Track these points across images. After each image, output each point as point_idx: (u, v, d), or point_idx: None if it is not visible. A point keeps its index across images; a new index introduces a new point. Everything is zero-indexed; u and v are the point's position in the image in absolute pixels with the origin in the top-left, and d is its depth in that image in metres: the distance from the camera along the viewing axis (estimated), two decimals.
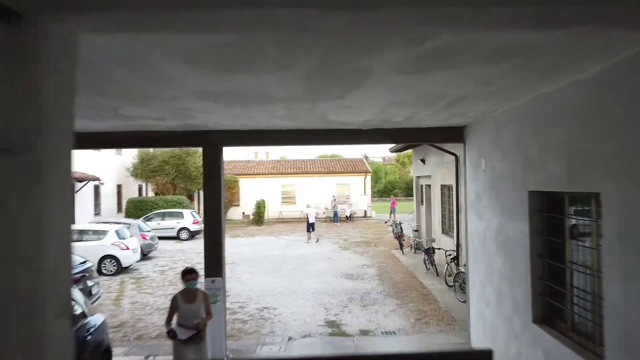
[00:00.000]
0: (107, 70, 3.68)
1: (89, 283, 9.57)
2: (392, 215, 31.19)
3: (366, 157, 49.95)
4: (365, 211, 34.42)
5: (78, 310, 5.91)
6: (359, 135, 7.33)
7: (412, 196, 58.98)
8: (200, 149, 7.53)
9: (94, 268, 10.29)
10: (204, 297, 5.93)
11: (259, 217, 30.91)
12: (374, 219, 33.69)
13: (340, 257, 17.56)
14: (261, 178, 34.57)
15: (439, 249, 12.72)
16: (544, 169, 4.63)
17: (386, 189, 61.67)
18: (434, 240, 13.09)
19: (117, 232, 15.48)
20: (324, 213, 32.32)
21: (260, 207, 31.34)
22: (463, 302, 10.56)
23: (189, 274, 5.87)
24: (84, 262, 10.01)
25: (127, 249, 15.20)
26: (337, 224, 30.64)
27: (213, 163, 7.33)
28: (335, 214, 31.55)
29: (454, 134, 7.44)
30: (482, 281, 6.73)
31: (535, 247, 5.04)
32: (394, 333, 8.66)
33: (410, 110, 5.77)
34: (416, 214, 19.00)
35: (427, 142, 10.99)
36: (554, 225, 4.89)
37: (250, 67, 3.64)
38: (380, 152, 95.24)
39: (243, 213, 33.52)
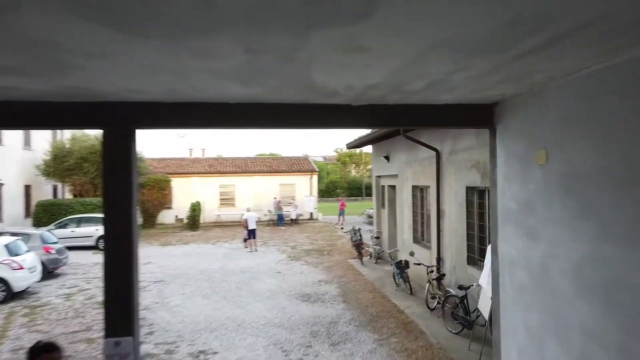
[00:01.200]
0: None
1: None
2: (342, 217, 29.21)
3: (307, 156, 47.79)
4: (311, 213, 32.17)
5: None
6: (345, 114, 4.90)
7: (355, 197, 57.77)
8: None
9: None
10: None
11: (194, 221, 27.80)
12: (321, 221, 31.50)
13: (291, 270, 15.08)
14: (196, 177, 31.43)
15: (419, 264, 10.55)
16: None
17: (328, 189, 60.31)
18: (412, 254, 10.92)
19: (7, 246, 12.07)
20: (265, 215, 29.71)
21: (195, 209, 28.21)
22: (456, 333, 8.45)
23: (45, 353, 3.22)
24: None
25: (21, 268, 11.86)
26: (282, 227, 28.13)
27: (119, 154, 4.60)
28: (280, 216, 29.04)
29: (478, 116, 5.20)
30: (534, 333, 4.54)
31: None
32: None
33: (452, 66, 3.44)
34: (376, 218, 16.89)
35: (435, 126, 8.87)
36: None
37: None
38: (321, 152, 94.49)
39: (176, 217, 30.26)
